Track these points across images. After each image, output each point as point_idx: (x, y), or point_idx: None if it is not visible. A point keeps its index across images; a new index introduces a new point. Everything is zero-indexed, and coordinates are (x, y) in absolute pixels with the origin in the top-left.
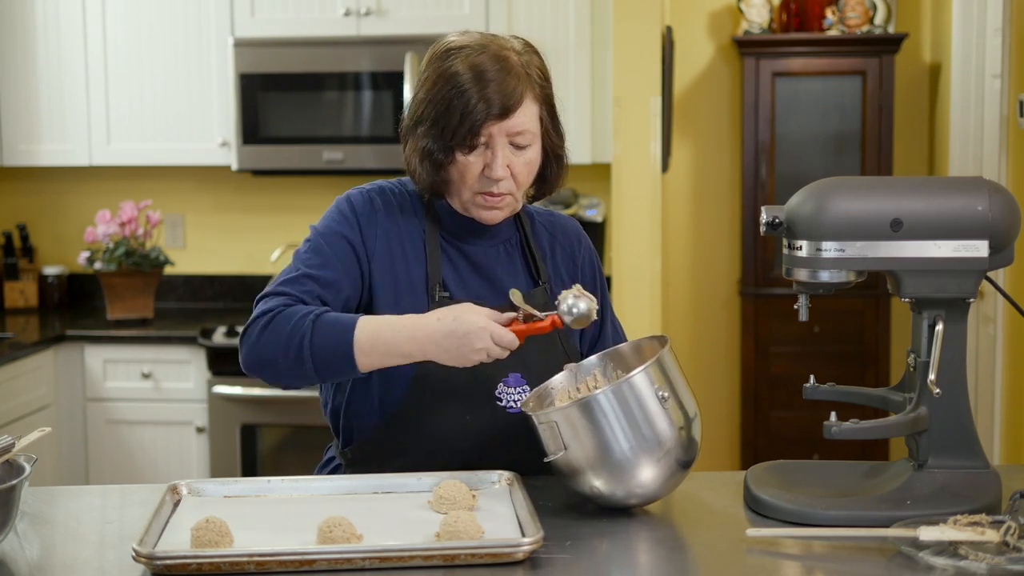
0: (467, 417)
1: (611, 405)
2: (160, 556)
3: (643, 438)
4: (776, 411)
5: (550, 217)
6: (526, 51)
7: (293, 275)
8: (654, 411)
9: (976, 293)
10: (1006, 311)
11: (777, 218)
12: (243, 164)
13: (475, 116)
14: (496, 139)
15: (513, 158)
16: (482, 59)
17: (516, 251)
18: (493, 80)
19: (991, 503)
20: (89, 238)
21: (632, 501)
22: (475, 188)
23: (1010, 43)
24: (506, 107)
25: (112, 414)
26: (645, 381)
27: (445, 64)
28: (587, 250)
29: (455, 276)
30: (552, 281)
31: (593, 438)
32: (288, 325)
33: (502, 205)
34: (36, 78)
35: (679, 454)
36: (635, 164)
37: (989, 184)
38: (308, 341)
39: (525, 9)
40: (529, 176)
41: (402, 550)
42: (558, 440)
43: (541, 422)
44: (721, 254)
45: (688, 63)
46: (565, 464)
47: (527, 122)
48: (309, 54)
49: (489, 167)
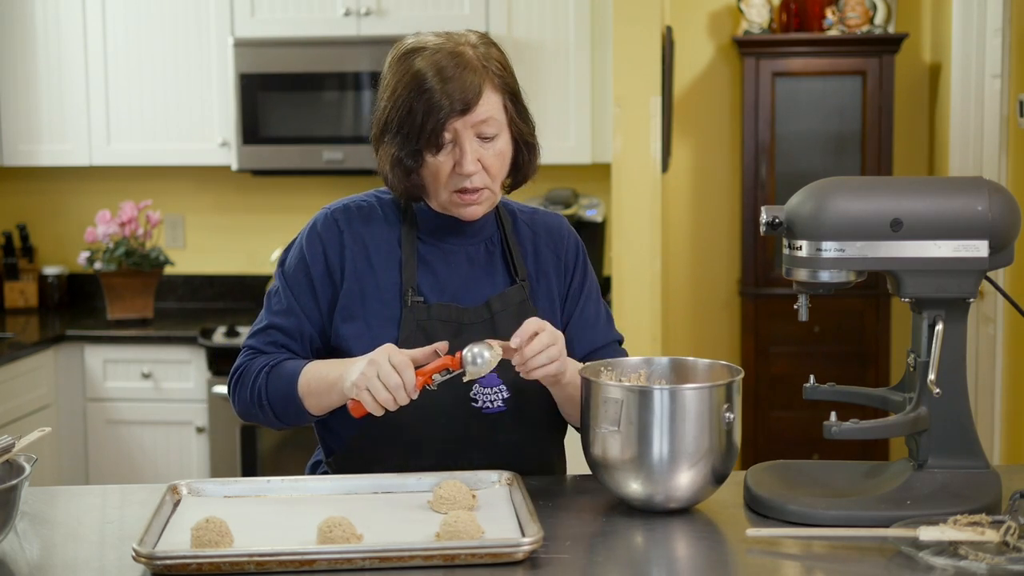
0: (441, 420)
1: (687, 403)
2: (160, 556)
3: (699, 444)
4: (776, 411)
5: (533, 214)
6: (483, 43)
7: (260, 326)
8: (712, 423)
9: (976, 293)
10: (1006, 311)
11: (777, 218)
12: (243, 164)
13: (437, 115)
14: (462, 134)
15: (482, 151)
16: (438, 57)
17: (496, 249)
18: (451, 77)
19: (991, 503)
20: (89, 238)
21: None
22: (450, 187)
23: (1010, 43)
24: (466, 101)
25: (112, 414)
26: (723, 394)
27: (403, 67)
28: (573, 245)
29: (431, 279)
30: (533, 279)
31: (648, 427)
32: (250, 380)
33: (480, 200)
34: (36, 78)
35: (716, 467)
36: (635, 164)
37: (989, 184)
38: (265, 395)
39: (525, 9)
40: (502, 167)
41: (402, 550)
42: (616, 417)
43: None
44: (721, 254)
45: (688, 63)
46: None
47: (490, 111)
48: (309, 54)
49: (459, 164)
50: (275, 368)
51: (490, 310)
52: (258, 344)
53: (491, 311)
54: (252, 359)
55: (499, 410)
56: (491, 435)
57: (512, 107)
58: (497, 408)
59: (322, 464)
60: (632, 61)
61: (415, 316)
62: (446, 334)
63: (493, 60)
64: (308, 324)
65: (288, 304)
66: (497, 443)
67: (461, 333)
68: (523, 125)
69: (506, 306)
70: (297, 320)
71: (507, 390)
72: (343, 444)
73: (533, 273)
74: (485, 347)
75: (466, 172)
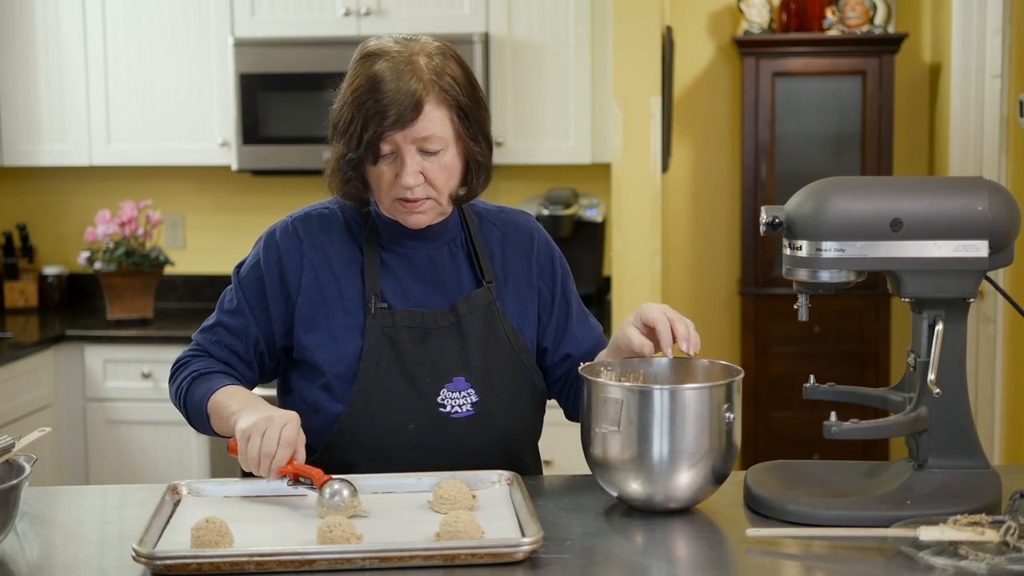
0: (410, 426)
1: (689, 403)
2: (160, 556)
3: (700, 444)
4: (776, 411)
5: (501, 214)
6: (440, 55)
7: (209, 323)
8: (712, 422)
9: (976, 293)
10: (1006, 311)
11: (777, 218)
12: (243, 164)
13: (375, 126)
14: (403, 147)
15: (426, 164)
16: (382, 67)
17: (460, 251)
18: (393, 89)
19: (991, 503)
20: (89, 238)
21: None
22: (392, 195)
23: (1010, 43)
24: (401, 115)
25: (112, 414)
26: (723, 394)
27: (356, 71)
28: (542, 245)
29: (395, 285)
30: (501, 280)
31: (649, 427)
32: (179, 378)
33: (424, 209)
34: (36, 78)
35: (716, 467)
36: (635, 164)
37: (989, 184)
38: (184, 399)
39: (525, 9)
40: (448, 180)
41: (402, 550)
42: (615, 417)
43: (606, 395)
44: (721, 254)
45: (688, 63)
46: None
47: (433, 127)
48: (309, 54)
49: (399, 176)
50: (199, 378)
51: (456, 314)
52: (203, 341)
53: (457, 315)
54: (193, 357)
55: (468, 415)
56: (460, 440)
57: (460, 123)
58: (466, 413)
59: None
60: (632, 61)
61: (379, 323)
62: (412, 340)
63: (446, 74)
64: (255, 327)
65: (238, 304)
66: (467, 448)
67: (428, 339)
68: (472, 143)
69: (472, 309)
70: (244, 321)
71: (476, 394)
72: (316, 452)
73: (500, 274)
74: (347, 487)
75: (404, 185)
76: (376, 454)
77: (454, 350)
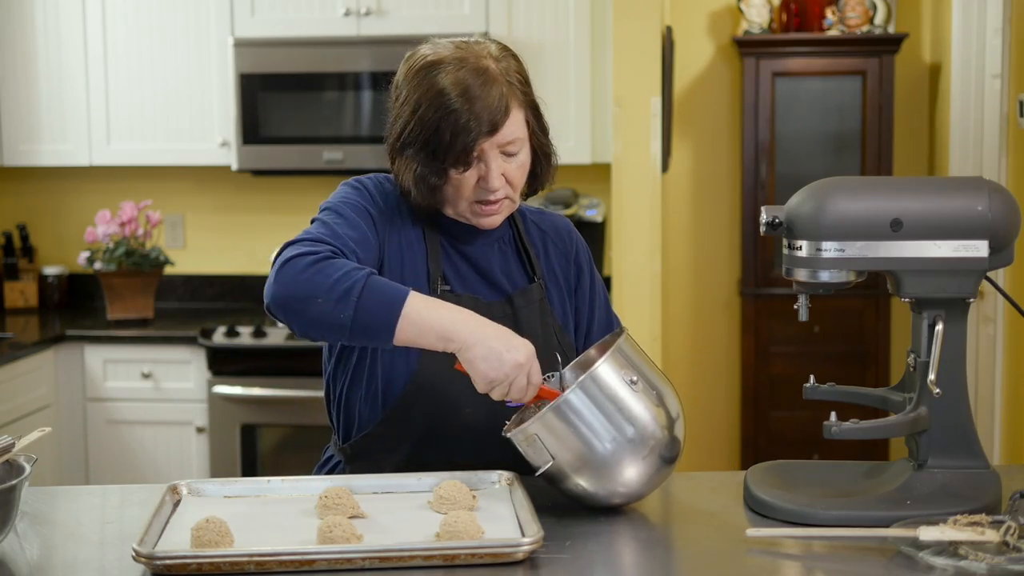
0: (467, 410)
1: (583, 402)
2: (160, 556)
3: (621, 429)
4: (776, 411)
5: (541, 215)
6: (504, 56)
7: (323, 232)
8: (625, 397)
9: (976, 293)
10: (1006, 311)
11: (777, 218)
12: (243, 164)
13: (466, 136)
14: (488, 153)
15: (506, 166)
16: (463, 74)
17: (510, 248)
18: (479, 97)
19: (991, 503)
20: (89, 238)
21: (615, 500)
22: (472, 198)
23: (1010, 43)
24: (494, 122)
25: (112, 414)
26: (609, 370)
27: (426, 82)
28: (580, 247)
29: (454, 272)
30: (546, 278)
31: (575, 439)
32: (339, 271)
33: (500, 210)
34: (36, 78)
35: (662, 446)
36: (635, 164)
37: (989, 184)
38: (359, 291)
39: (525, 9)
40: (523, 177)
41: (402, 550)
42: (543, 452)
43: (522, 439)
44: (721, 254)
45: (688, 63)
46: (556, 470)
47: (516, 131)
48: (309, 54)
49: (485, 179)
50: (373, 276)
51: (512, 306)
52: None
53: (513, 307)
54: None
55: (521, 405)
56: None
57: (534, 120)
58: (520, 403)
59: (330, 462)
60: (632, 61)
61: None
62: None
63: (514, 73)
64: (369, 245)
65: (351, 222)
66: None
67: None
68: (543, 137)
69: (528, 302)
70: (362, 234)
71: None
72: (364, 428)
73: (546, 272)
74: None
75: (491, 188)
76: (429, 436)
77: None
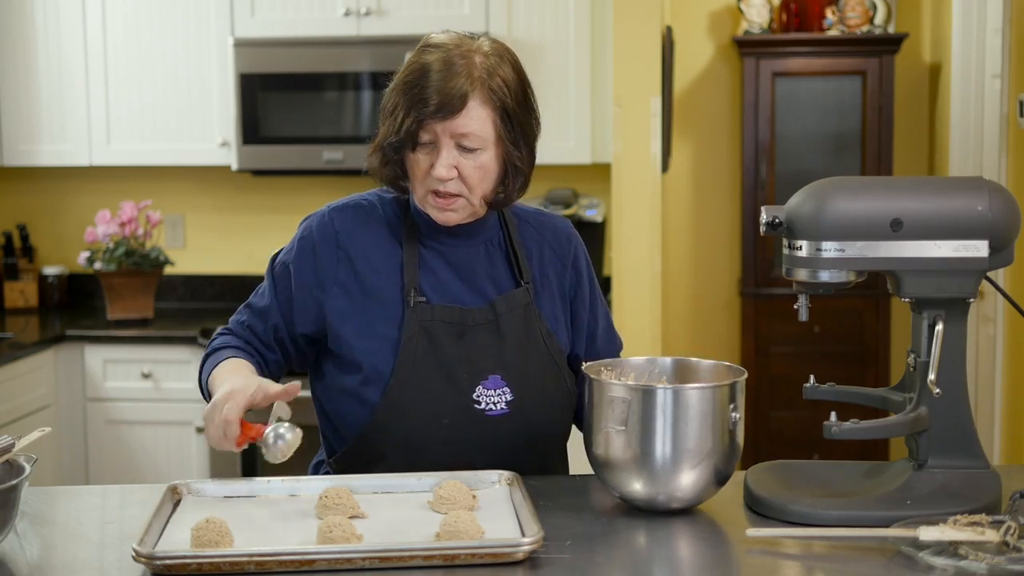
0: (444, 421)
1: (698, 403)
2: (160, 556)
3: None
4: (776, 411)
5: (540, 217)
6: (495, 55)
7: (243, 305)
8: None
9: (976, 293)
10: (1006, 311)
11: (777, 218)
12: (243, 164)
13: (415, 113)
14: (441, 138)
15: (462, 160)
16: (435, 57)
17: (498, 251)
18: (440, 80)
19: (991, 503)
20: (89, 238)
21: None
22: (425, 185)
23: (1010, 43)
24: (444, 105)
25: (112, 414)
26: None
27: (412, 59)
28: (578, 250)
29: (433, 280)
30: (537, 282)
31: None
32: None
33: (455, 207)
34: (36, 78)
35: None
36: (635, 164)
37: (989, 184)
38: (200, 370)
39: (525, 9)
40: (482, 181)
41: (402, 550)
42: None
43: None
44: (721, 254)
45: (688, 63)
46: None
47: (473, 125)
48: (309, 54)
49: (433, 166)
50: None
51: (495, 311)
52: (232, 320)
53: (495, 312)
54: (219, 334)
55: (502, 413)
56: (493, 438)
57: (503, 126)
58: (500, 411)
59: (324, 464)
60: (632, 61)
61: (418, 317)
62: (450, 335)
63: (497, 75)
64: (276, 314)
65: (265, 290)
66: (499, 446)
67: (465, 335)
68: (512, 147)
69: (511, 308)
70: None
71: (511, 393)
72: (347, 441)
73: (537, 276)
74: (289, 429)
75: (436, 176)
76: (408, 447)
77: (491, 347)
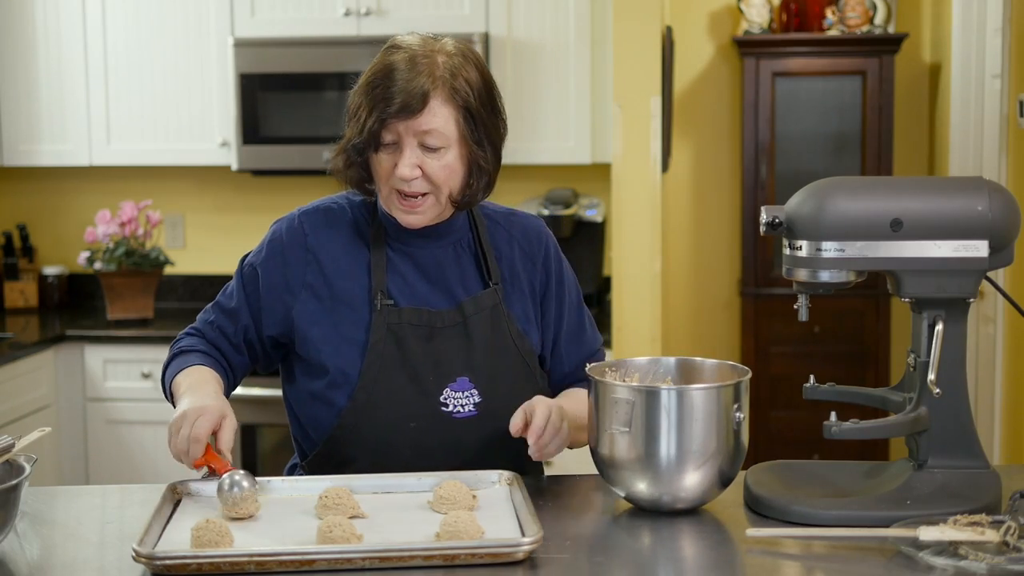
0: (411, 424)
1: (702, 404)
2: (160, 556)
3: (708, 445)
4: (776, 411)
5: (511, 217)
6: (459, 55)
7: (211, 304)
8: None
9: (976, 293)
10: (1006, 311)
11: (777, 218)
12: (243, 164)
13: (378, 113)
14: (404, 138)
15: (427, 159)
16: (398, 58)
17: (467, 252)
18: (401, 80)
19: (991, 503)
20: (89, 238)
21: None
22: (390, 185)
23: (1010, 43)
24: (406, 105)
25: (112, 414)
26: (731, 395)
27: (376, 60)
28: (548, 249)
29: (401, 283)
30: (508, 282)
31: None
32: (170, 352)
33: (421, 209)
34: (36, 78)
35: (724, 468)
36: (635, 164)
37: (989, 184)
38: (164, 370)
39: (525, 9)
40: (448, 180)
41: (402, 550)
42: (628, 417)
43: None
44: (721, 254)
45: (688, 63)
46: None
47: (436, 123)
48: (309, 54)
49: (397, 166)
50: (179, 355)
51: (462, 313)
52: (199, 320)
53: (463, 315)
54: (186, 334)
55: (470, 415)
56: (461, 440)
57: (466, 125)
58: (468, 413)
59: (298, 467)
60: (632, 61)
61: (385, 320)
62: (417, 338)
63: (460, 75)
64: (245, 315)
65: (234, 290)
66: (467, 448)
67: (433, 338)
68: (476, 147)
69: (479, 309)
70: (236, 304)
71: (479, 395)
72: (316, 445)
73: (507, 276)
74: (246, 478)
75: (400, 175)
76: (376, 450)
77: (459, 350)
